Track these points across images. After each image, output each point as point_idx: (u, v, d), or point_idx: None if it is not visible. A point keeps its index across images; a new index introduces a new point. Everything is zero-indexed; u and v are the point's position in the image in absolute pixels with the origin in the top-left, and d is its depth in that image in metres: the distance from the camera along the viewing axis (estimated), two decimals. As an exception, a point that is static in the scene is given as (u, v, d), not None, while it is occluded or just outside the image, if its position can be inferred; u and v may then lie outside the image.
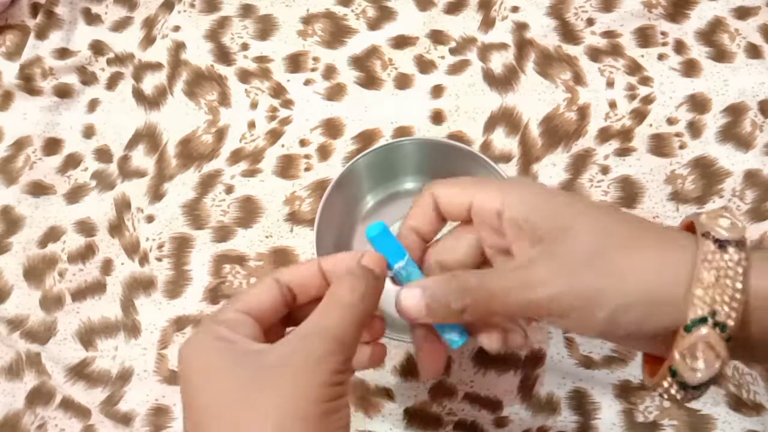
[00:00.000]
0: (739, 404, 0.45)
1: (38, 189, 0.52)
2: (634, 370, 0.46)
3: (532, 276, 0.26)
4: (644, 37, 0.53)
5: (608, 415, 0.45)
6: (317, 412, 0.25)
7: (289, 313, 0.30)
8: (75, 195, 0.52)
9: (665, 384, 0.25)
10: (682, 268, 0.24)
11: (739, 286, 0.23)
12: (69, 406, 0.47)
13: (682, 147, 0.50)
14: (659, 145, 0.50)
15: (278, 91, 0.54)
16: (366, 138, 0.52)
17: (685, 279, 0.24)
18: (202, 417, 0.25)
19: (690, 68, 0.52)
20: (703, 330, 0.23)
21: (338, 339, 0.26)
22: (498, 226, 0.28)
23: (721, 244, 0.24)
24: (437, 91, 0.53)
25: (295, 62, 0.54)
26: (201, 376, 0.26)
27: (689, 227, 0.27)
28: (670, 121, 0.51)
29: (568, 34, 0.53)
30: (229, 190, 0.51)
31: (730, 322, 0.23)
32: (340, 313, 0.27)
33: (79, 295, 0.50)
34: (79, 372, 0.48)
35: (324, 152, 0.52)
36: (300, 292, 0.30)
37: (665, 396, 0.25)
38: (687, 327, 0.23)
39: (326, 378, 0.25)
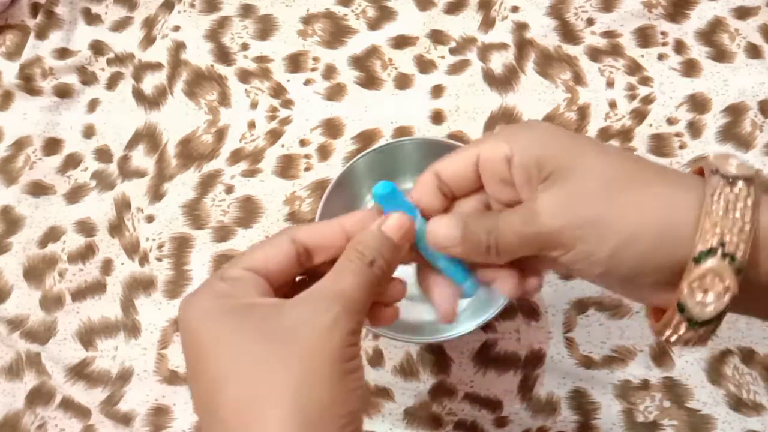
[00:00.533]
0: (739, 404, 0.45)
1: (38, 189, 0.52)
2: (634, 370, 0.46)
3: (540, 208, 0.26)
4: (644, 37, 0.53)
5: (608, 415, 0.45)
6: (337, 374, 0.24)
7: (306, 271, 0.29)
8: (75, 195, 0.52)
9: (673, 323, 0.24)
10: (689, 204, 0.24)
11: (748, 218, 0.23)
12: (69, 406, 0.47)
13: (682, 147, 0.50)
14: (659, 145, 0.50)
15: (278, 91, 0.54)
16: (366, 138, 0.52)
17: (694, 214, 0.24)
18: (215, 383, 0.24)
19: (690, 68, 0.52)
20: (713, 260, 0.23)
21: (353, 302, 0.26)
22: (507, 175, 0.27)
23: (730, 180, 0.24)
24: (437, 91, 0.53)
25: (295, 62, 0.54)
26: (209, 339, 0.25)
27: (698, 173, 0.27)
28: (670, 121, 0.51)
29: (568, 34, 0.53)
30: (229, 190, 0.51)
31: (740, 254, 0.23)
32: (355, 276, 0.26)
33: (79, 295, 0.50)
34: (79, 372, 0.48)
35: (324, 152, 0.52)
36: (318, 251, 0.29)
37: (673, 338, 0.25)
38: (696, 258, 0.23)
39: (343, 339, 0.25)
